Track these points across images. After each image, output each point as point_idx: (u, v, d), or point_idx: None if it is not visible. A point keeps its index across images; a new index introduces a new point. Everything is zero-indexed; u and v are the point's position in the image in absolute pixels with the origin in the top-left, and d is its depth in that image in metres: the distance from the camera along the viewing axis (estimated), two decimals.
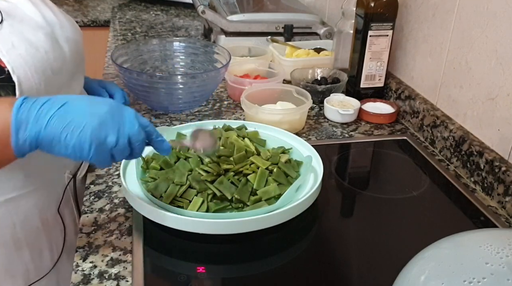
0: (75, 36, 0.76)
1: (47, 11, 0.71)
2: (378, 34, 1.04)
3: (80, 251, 0.66)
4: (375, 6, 1.01)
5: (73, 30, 0.75)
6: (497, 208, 0.78)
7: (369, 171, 0.92)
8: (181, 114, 1.04)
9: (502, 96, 0.79)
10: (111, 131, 0.53)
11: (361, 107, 1.05)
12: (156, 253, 0.67)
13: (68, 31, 0.74)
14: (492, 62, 0.80)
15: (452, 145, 0.89)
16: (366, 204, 0.81)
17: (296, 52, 1.27)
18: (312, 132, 1.00)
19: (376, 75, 1.09)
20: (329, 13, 1.56)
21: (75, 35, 0.76)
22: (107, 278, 0.61)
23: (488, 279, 0.42)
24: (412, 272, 0.48)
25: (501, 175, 0.77)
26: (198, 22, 1.78)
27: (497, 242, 0.46)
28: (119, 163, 0.84)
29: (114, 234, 0.69)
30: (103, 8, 2.03)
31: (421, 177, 0.87)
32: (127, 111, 0.56)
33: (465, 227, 0.73)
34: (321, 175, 0.74)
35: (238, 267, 0.66)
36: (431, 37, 0.98)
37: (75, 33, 0.76)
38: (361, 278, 0.65)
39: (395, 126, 1.04)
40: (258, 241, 0.68)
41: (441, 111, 0.95)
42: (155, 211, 0.66)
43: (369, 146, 0.97)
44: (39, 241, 0.74)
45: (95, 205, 0.75)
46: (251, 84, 1.06)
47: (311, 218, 0.73)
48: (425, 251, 0.51)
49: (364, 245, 0.70)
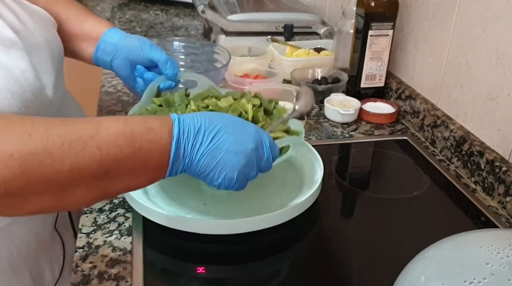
0: (48, 35, 0.67)
1: (12, 19, 0.60)
2: (379, 34, 1.04)
3: (79, 251, 0.66)
4: (375, 5, 1.01)
5: (43, 30, 0.65)
6: (498, 208, 0.78)
7: (369, 171, 0.92)
8: None
9: (503, 96, 0.79)
10: (253, 168, 0.56)
11: (361, 107, 1.05)
12: (156, 253, 0.67)
13: (38, 35, 0.64)
14: (493, 62, 0.80)
15: (452, 145, 0.89)
16: (366, 204, 0.80)
17: (296, 52, 1.27)
18: (312, 132, 1.00)
19: (376, 75, 1.09)
20: (329, 12, 1.56)
21: (48, 33, 0.67)
22: (106, 279, 0.61)
23: (488, 279, 0.42)
24: (412, 273, 0.48)
25: (501, 175, 0.77)
26: (198, 22, 1.78)
27: (497, 242, 0.46)
28: None
29: (114, 234, 0.69)
30: (103, 8, 2.02)
31: (421, 177, 0.87)
32: (266, 147, 0.57)
33: (466, 227, 0.72)
34: (321, 175, 0.74)
35: (238, 267, 0.66)
36: (431, 37, 0.97)
37: (47, 32, 0.67)
38: (361, 278, 0.65)
39: (395, 126, 1.04)
40: (258, 241, 0.68)
41: (441, 111, 0.95)
42: (155, 211, 0.66)
43: (370, 146, 0.97)
44: (39, 262, 0.71)
45: (94, 205, 0.75)
46: (251, 84, 1.06)
47: (311, 218, 0.73)
48: (425, 251, 0.51)
49: (365, 245, 0.70)
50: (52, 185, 0.44)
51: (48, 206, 0.46)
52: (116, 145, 0.46)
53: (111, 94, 1.14)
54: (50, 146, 0.43)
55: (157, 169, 0.51)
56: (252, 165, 0.56)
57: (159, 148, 0.49)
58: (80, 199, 0.47)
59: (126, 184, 0.50)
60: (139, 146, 0.47)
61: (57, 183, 0.44)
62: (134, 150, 0.47)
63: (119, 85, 1.18)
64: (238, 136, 0.54)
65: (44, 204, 0.46)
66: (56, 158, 0.43)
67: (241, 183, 0.56)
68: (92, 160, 0.45)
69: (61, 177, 0.44)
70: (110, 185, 0.48)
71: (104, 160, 0.45)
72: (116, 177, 0.47)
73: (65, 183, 0.44)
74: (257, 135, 0.56)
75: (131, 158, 0.47)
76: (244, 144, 0.54)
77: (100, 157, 0.45)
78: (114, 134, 0.46)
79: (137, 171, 0.49)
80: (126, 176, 0.49)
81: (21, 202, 0.44)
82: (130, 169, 0.48)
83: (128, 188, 0.53)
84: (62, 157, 0.43)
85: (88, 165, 0.45)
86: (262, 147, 0.57)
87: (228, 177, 0.54)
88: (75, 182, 0.45)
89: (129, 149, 0.47)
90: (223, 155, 0.53)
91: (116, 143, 0.46)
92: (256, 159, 0.56)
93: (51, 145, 0.43)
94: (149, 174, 0.51)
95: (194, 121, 0.52)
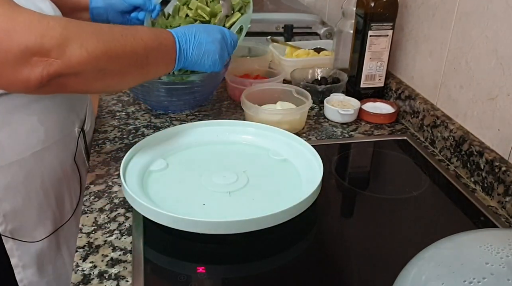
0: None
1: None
2: (378, 34, 1.04)
3: (80, 251, 0.66)
4: (375, 6, 1.01)
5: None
6: (497, 208, 0.78)
7: (369, 171, 0.92)
8: (181, 114, 1.04)
9: (502, 96, 0.79)
10: (225, 51, 0.82)
11: (361, 107, 1.05)
12: (156, 253, 0.67)
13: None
14: (492, 62, 0.80)
15: (452, 145, 0.89)
16: (366, 204, 0.81)
17: (296, 52, 1.27)
18: (312, 132, 1.00)
19: (376, 75, 1.09)
20: (329, 13, 1.56)
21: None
22: (107, 278, 0.61)
23: (488, 279, 0.42)
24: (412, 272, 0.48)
25: (501, 175, 0.77)
26: None
27: (497, 242, 0.46)
28: (119, 162, 0.85)
29: (114, 234, 0.69)
30: None
31: (421, 177, 0.87)
32: (228, 35, 0.83)
33: (465, 227, 0.72)
34: (321, 175, 0.74)
35: (238, 267, 0.66)
36: (431, 37, 0.98)
37: None
38: (361, 278, 0.65)
39: (395, 126, 1.04)
40: (258, 241, 0.68)
41: (441, 111, 0.95)
42: (155, 211, 0.66)
43: (369, 146, 0.97)
44: (61, 190, 0.84)
45: (95, 205, 0.75)
46: (251, 84, 1.06)
47: (311, 218, 0.73)
48: (425, 251, 0.51)
49: (364, 245, 0.70)
50: (119, 62, 0.65)
51: (112, 84, 0.70)
52: (150, 38, 0.70)
53: (111, 94, 1.14)
54: (118, 37, 0.65)
55: (170, 60, 0.75)
56: (224, 49, 0.82)
57: (170, 44, 0.74)
58: (132, 78, 0.71)
59: (154, 68, 0.73)
60: (161, 41, 0.72)
61: (124, 63, 0.66)
62: (159, 44, 0.72)
63: None
64: (209, 32, 0.79)
65: (111, 82, 0.68)
66: (122, 43, 0.65)
67: (221, 64, 0.82)
68: (140, 46, 0.67)
69: (125, 58, 0.66)
70: (148, 67, 0.71)
71: (146, 46, 0.68)
72: (151, 62, 0.71)
73: (127, 64, 0.67)
74: (219, 29, 0.82)
75: (159, 49, 0.72)
76: (214, 35, 0.80)
77: (144, 44, 0.68)
78: (147, 33, 0.70)
79: (160, 59, 0.73)
80: (155, 62, 0.72)
81: (101, 76, 0.64)
82: (157, 56, 0.72)
83: (156, 72, 0.76)
84: (125, 43, 0.65)
85: (139, 48, 0.67)
86: (226, 36, 0.82)
87: (213, 59, 0.79)
88: (132, 63, 0.67)
89: (156, 43, 0.71)
90: (205, 45, 0.78)
91: (150, 37, 0.70)
92: (225, 45, 0.82)
93: (119, 36, 0.65)
94: (166, 63, 0.75)
95: (181, 30, 0.77)
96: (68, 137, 0.85)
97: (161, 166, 0.79)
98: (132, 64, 0.68)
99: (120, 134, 0.96)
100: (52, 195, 0.82)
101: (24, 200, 0.78)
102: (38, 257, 0.82)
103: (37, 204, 0.80)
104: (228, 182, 0.76)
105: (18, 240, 0.79)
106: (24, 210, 0.78)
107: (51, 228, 0.83)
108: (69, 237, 0.86)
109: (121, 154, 0.89)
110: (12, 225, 0.77)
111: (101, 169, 0.85)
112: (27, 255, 0.80)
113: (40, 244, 0.82)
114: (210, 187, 0.75)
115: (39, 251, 0.82)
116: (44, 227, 0.82)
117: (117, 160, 0.87)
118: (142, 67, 0.70)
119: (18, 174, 0.76)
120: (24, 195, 0.78)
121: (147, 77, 0.75)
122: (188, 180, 0.77)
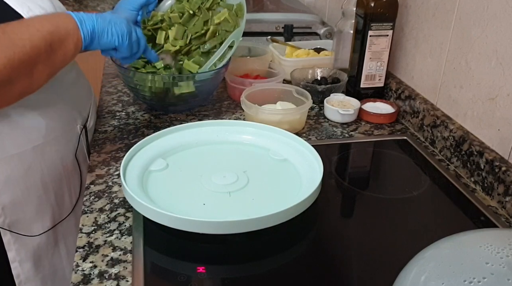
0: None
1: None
2: (378, 34, 1.04)
3: (80, 251, 0.66)
4: (375, 6, 1.01)
5: None
6: (497, 208, 0.78)
7: (369, 171, 0.92)
8: (181, 114, 1.04)
9: (502, 96, 0.79)
10: (133, 29, 0.81)
11: (361, 107, 1.05)
12: (156, 253, 0.67)
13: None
14: (492, 62, 0.80)
15: (452, 145, 0.89)
16: (366, 204, 0.81)
17: (296, 52, 1.27)
18: (312, 132, 1.00)
19: (376, 75, 1.09)
20: (329, 13, 1.56)
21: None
22: (107, 278, 0.61)
23: (488, 279, 0.42)
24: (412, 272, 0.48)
25: (501, 175, 0.77)
26: None
27: (497, 242, 0.46)
28: (119, 162, 0.85)
29: (114, 234, 0.69)
30: (103, 8, 2.02)
31: (421, 177, 0.87)
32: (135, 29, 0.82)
33: (465, 227, 0.73)
34: (321, 175, 0.74)
35: (238, 267, 0.66)
36: (431, 37, 0.98)
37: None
38: (361, 278, 0.65)
39: (395, 126, 1.04)
40: (258, 241, 0.68)
41: (441, 111, 0.95)
42: (155, 211, 0.66)
43: (369, 146, 0.97)
44: (61, 186, 0.84)
45: (95, 205, 0.75)
46: (251, 84, 1.06)
47: (311, 218, 0.73)
48: (425, 251, 0.51)
49: (364, 245, 0.70)
50: (23, 67, 0.64)
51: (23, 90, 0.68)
52: (46, 25, 0.68)
53: (111, 94, 1.14)
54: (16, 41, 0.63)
55: (74, 35, 0.71)
56: (131, 25, 0.80)
57: (68, 19, 0.71)
58: (41, 72, 0.68)
59: (62, 51, 0.70)
60: (57, 21, 0.70)
61: (29, 62, 0.65)
62: (57, 26, 0.69)
63: (119, 85, 1.18)
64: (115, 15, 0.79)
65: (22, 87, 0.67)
66: (21, 45, 0.63)
67: (130, 39, 0.79)
68: (39, 38, 0.66)
69: (28, 59, 0.64)
70: (55, 54, 0.69)
71: (45, 35, 0.67)
72: (55, 47, 0.68)
73: (33, 62, 0.65)
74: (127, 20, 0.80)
75: (58, 31, 0.69)
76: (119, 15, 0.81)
77: (41, 34, 0.66)
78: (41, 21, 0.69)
79: (64, 38, 0.70)
80: (59, 45, 0.69)
81: (9, 87, 0.64)
82: (60, 38, 0.69)
83: (65, 55, 0.71)
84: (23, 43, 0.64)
85: (39, 41, 0.66)
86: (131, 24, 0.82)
87: (122, 28, 0.77)
88: (36, 59, 0.66)
89: (54, 26, 0.69)
90: (109, 17, 0.76)
91: (45, 24, 0.68)
92: (131, 28, 0.80)
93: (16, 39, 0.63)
94: (72, 40, 0.71)
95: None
96: (70, 133, 0.85)
97: (161, 166, 0.79)
98: (37, 60, 0.66)
99: (120, 134, 0.96)
100: (51, 190, 0.82)
101: (24, 193, 0.78)
102: (35, 251, 0.82)
103: (36, 198, 0.80)
104: (228, 182, 0.76)
105: (16, 234, 0.79)
106: (23, 203, 0.79)
107: (50, 223, 0.83)
108: (67, 234, 0.87)
109: (121, 154, 0.89)
110: (11, 218, 0.77)
111: (101, 169, 0.85)
112: (24, 249, 0.81)
113: (38, 238, 0.82)
114: (210, 187, 0.75)
115: (37, 246, 0.82)
116: (43, 222, 0.82)
117: (117, 160, 0.87)
118: (48, 58, 0.68)
119: (18, 167, 0.76)
120: (23, 188, 0.78)
121: (57, 65, 0.71)
122: (188, 180, 0.77)
